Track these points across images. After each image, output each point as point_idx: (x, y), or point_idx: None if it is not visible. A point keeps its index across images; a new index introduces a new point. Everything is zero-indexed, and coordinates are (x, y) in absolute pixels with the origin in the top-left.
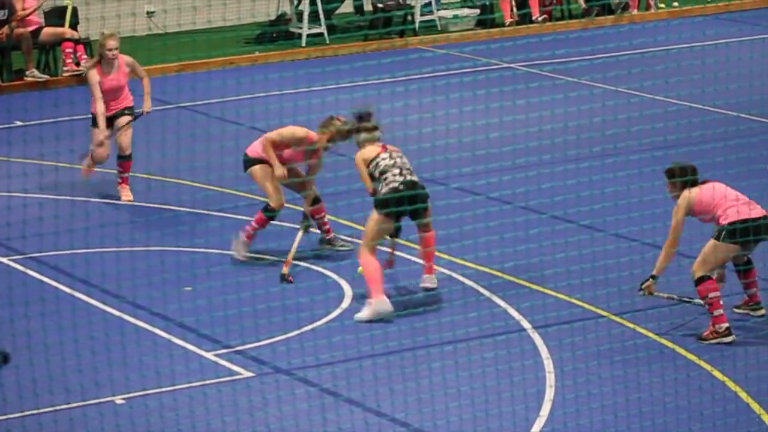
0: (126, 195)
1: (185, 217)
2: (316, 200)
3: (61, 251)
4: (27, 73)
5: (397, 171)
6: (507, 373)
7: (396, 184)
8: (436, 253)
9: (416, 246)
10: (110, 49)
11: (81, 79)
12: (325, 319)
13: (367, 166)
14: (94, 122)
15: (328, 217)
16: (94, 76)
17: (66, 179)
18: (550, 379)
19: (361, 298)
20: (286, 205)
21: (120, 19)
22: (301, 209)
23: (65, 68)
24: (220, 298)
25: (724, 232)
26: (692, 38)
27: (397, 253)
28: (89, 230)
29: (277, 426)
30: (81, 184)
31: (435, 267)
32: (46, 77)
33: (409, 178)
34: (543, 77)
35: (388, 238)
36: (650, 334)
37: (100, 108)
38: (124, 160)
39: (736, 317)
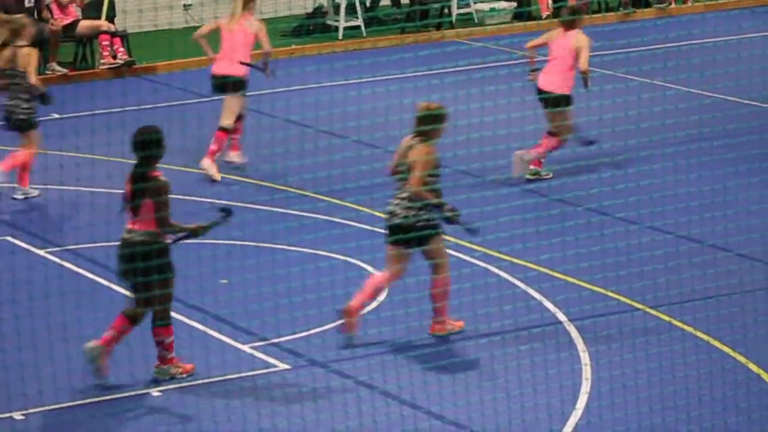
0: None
1: None
2: None
3: (98, 243)
4: (47, 66)
5: None
6: (542, 365)
7: None
8: (472, 245)
9: (449, 238)
10: None
11: (118, 72)
12: (361, 312)
13: None
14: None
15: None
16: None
17: (102, 171)
18: (586, 371)
19: (396, 291)
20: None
21: (157, 11)
22: None
23: (102, 61)
24: (255, 291)
25: None
26: (728, 31)
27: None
28: (126, 222)
29: (312, 418)
30: (118, 176)
31: None
32: (65, 71)
33: None
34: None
35: None
36: (686, 327)
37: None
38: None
39: None
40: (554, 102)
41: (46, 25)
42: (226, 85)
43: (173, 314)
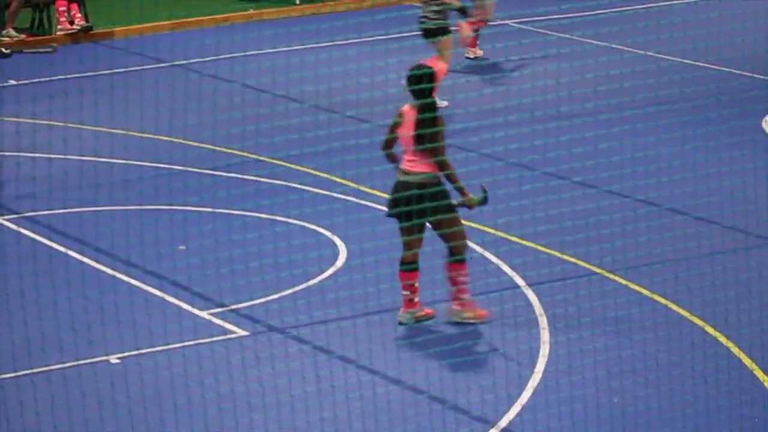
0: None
1: (179, 176)
2: None
3: (55, 210)
4: (2, 32)
5: None
6: (500, 329)
7: None
8: None
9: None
10: None
11: (75, 38)
12: (318, 278)
13: None
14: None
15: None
16: None
17: (59, 138)
18: (543, 335)
19: (353, 256)
20: None
21: None
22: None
23: (59, 27)
24: (212, 257)
25: None
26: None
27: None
28: (83, 189)
29: (270, 384)
30: (74, 142)
31: None
32: (22, 36)
33: None
34: (535, 34)
35: None
36: (643, 290)
37: None
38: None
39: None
40: None
41: None
42: None
43: (130, 280)
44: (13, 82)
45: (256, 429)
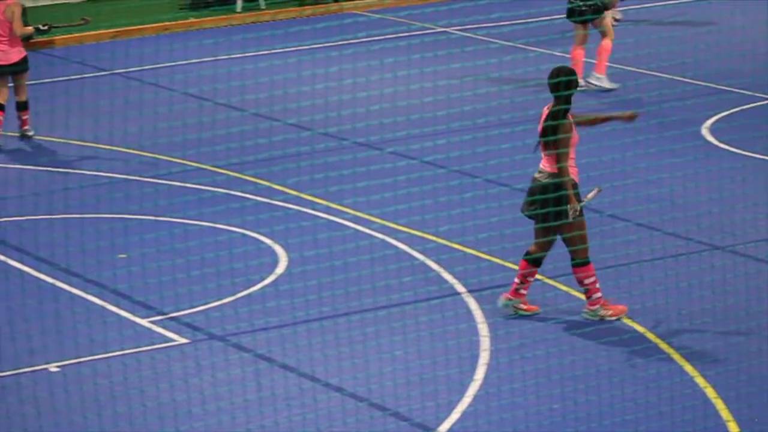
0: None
1: (119, 184)
2: None
3: (8, 218)
4: None
5: None
6: (441, 337)
7: None
8: (370, 218)
9: (348, 210)
10: None
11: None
12: (259, 285)
13: None
14: None
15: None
16: None
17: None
18: (484, 342)
19: (294, 264)
20: None
21: None
22: None
23: None
24: (154, 265)
25: None
26: (626, 1)
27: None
28: (23, 198)
29: (211, 392)
30: (14, 151)
31: None
32: None
33: None
34: (477, 41)
35: None
36: (584, 297)
37: None
38: None
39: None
40: None
41: None
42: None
43: (71, 289)
44: None
45: None
